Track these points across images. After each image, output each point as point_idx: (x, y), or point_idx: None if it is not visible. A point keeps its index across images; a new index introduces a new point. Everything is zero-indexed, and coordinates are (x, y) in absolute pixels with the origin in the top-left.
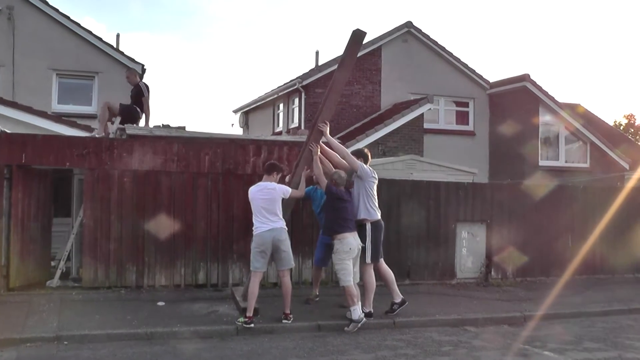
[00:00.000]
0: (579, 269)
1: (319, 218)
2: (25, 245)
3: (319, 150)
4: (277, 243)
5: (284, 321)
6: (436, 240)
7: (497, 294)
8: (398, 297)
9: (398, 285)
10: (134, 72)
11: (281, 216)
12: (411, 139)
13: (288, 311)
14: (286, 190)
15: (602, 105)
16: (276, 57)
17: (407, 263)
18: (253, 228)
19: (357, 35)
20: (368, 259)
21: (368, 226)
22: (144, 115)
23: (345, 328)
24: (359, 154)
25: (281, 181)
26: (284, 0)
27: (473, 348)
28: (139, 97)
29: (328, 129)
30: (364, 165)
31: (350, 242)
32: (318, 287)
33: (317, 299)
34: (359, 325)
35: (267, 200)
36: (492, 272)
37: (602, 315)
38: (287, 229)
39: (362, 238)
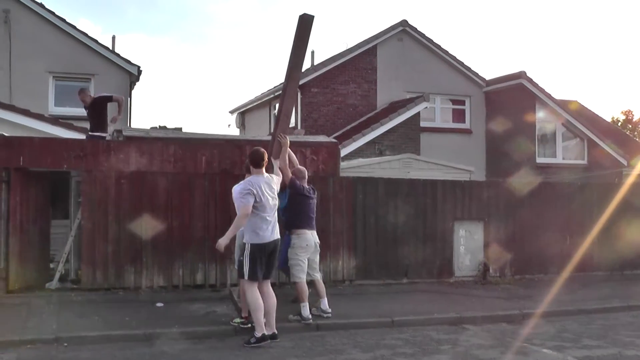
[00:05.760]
0: (577, 266)
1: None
2: (24, 247)
3: (288, 141)
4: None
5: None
6: (434, 238)
7: (495, 292)
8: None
9: (396, 284)
10: (86, 91)
11: None
12: (408, 137)
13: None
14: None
15: (599, 102)
16: (272, 57)
17: (405, 262)
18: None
19: (305, 20)
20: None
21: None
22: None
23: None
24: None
25: None
26: (278, 1)
27: (472, 346)
28: (104, 105)
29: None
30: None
31: (307, 239)
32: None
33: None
34: (306, 322)
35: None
36: (490, 270)
37: (601, 312)
38: None
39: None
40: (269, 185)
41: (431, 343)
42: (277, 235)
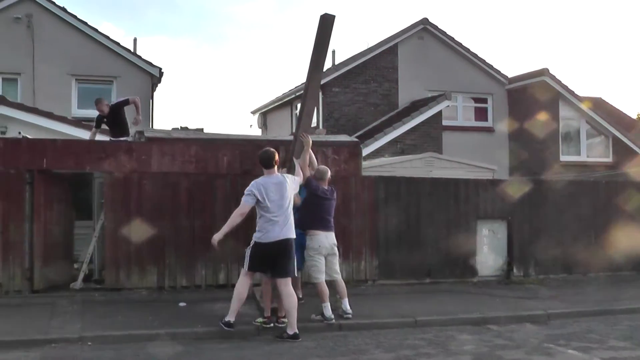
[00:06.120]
0: (603, 266)
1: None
2: (48, 248)
3: (310, 141)
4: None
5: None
6: (456, 238)
7: (519, 292)
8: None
9: (419, 284)
10: (102, 101)
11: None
12: (429, 136)
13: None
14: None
15: (625, 99)
16: (293, 57)
17: (428, 261)
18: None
19: (326, 20)
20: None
21: None
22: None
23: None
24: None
25: None
26: (298, 1)
27: (495, 347)
28: (122, 109)
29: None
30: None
31: (320, 240)
32: (300, 290)
33: (302, 301)
34: (329, 322)
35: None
36: (514, 270)
37: (628, 312)
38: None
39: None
40: (278, 185)
41: (454, 343)
42: (286, 235)
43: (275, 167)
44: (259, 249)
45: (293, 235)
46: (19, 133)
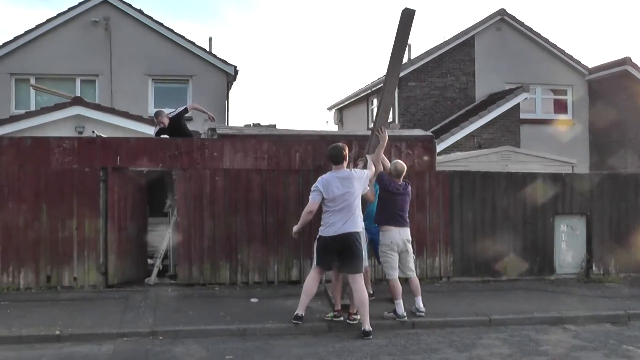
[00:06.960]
0: None
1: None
2: (122, 244)
3: (386, 136)
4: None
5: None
6: (533, 234)
7: (599, 291)
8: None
9: (494, 282)
10: (162, 113)
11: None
12: (507, 130)
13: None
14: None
15: None
16: (368, 52)
17: (504, 258)
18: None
19: (407, 15)
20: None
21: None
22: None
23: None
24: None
25: None
26: None
27: (573, 348)
28: (182, 118)
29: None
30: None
31: (393, 236)
32: (370, 285)
33: (372, 297)
34: (401, 320)
35: None
36: (594, 268)
37: None
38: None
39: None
40: (344, 180)
41: (530, 343)
42: (348, 229)
43: (344, 163)
44: (323, 243)
45: (357, 229)
46: (93, 132)
